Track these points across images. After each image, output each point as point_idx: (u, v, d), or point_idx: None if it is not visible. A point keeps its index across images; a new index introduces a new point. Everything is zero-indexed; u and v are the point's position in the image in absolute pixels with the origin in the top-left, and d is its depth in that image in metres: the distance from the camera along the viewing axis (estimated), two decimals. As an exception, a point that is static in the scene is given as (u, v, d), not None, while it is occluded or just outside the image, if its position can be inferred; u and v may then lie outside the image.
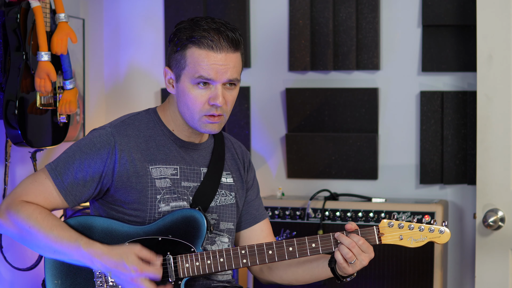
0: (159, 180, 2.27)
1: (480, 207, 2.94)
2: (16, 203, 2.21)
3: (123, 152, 2.24)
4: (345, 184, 3.42)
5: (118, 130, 2.28)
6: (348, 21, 3.37)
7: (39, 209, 2.20)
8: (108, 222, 2.25)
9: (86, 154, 2.24)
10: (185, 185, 2.31)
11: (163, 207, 2.26)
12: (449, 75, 3.31)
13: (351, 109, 3.39)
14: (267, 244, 2.23)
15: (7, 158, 2.88)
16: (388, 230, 2.21)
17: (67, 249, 2.17)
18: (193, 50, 2.21)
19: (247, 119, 3.51)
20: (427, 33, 3.30)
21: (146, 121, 2.33)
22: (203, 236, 2.23)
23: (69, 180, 2.23)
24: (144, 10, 3.65)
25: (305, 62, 3.42)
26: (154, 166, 2.28)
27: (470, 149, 3.24)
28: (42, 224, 2.18)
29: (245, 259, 2.22)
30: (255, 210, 2.50)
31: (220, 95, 2.21)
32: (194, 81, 2.21)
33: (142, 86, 3.65)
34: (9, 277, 2.99)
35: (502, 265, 2.92)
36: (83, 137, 2.30)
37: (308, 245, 2.23)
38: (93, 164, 2.23)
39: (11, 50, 2.80)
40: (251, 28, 3.53)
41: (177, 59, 2.24)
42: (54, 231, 2.18)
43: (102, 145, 2.24)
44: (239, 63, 2.25)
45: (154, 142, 2.30)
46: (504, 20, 2.89)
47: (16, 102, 2.75)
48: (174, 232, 2.22)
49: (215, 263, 2.21)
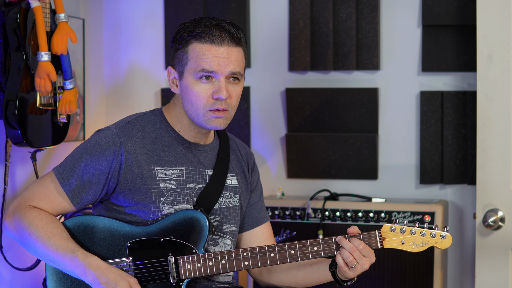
0: (164, 182, 2.26)
1: (480, 207, 2.94)
2: (22, 207, 2.22)
3: (128, 153, 2.24)
4: (345, 184, 3.42)
5: (124, 131, 2.27)
6: (348, 21, 3.37)
7: (41, 215, 2.21)
8: (110, 222, 2.24)
9: (91, 156, 2.23)
10: (190, 186, 2.31)
11: (166, 209, 2.25)
12: (449, 75, 3.31)
13: (351, 109, 3.39)
14: (269, 247, 2.22)
15: (7, 158, 2.88)
16: (390, 235, 2.21)
17: (62, 258, 2.17)
18: (194, 45, 2.22)
19: (247, 119, 3.51)
20: (427, 33, 3.30)
21: (152, 122, 2.33)
22: (205, 237, 2.23)
23: (76, 182, 2.22)
24: (144, 10, 3.65)
25: (305, 62, 3.42)
26: (160, 167, 2.27)
27: (470, 149, 3.24)
28: (41, 232, 2.18)
29: (246, 261, 2.22)
30: (257, 213, 2.49)
31: (224, 88, 2.21)
32: (197, 75, 2.21)
33: (142, 86, 3.65)
34: (9, 277, 2.99)
35: (502, 265, 2.92)
36: (89, 138, 2.29)
37: (310, 248, 2.22)
38: (99, 166, 2.22)
39: (11, 50, 2.79)
40: (251, 28, 3.53)
41: (180, 56, 2.25)
42: (51, 240, 2.18)
43: (107, 146, 2.24)
44: (242, 58, 2.26)
45: (160, 144, 2.29)
46: (504, 20, 2.89)
47: (16, 102, 2.75)
48: (176, 233, 2.22)
49: (216, 265, 2.21)
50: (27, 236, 2.19)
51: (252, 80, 3.54)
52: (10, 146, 2.88)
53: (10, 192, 2.96)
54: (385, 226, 2.21)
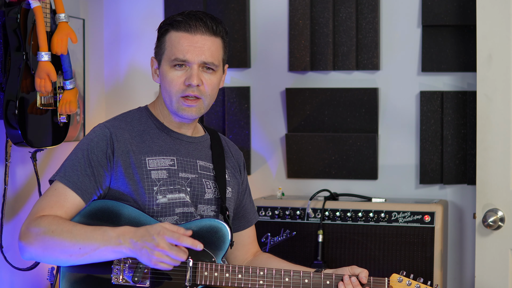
0: (155, 171, 2.28)
1: (480, 207, 2.94)
2: (33, 220, 2.18)
3: (119, 142, 2.26)
4: (345, 184, 3.42)
5: (112, 124, 2.31)
6: (348, 21, 3.37)
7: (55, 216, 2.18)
8: (136, 213, 2.24)
9: (87, 151, 2.25)
10: (183, 176, 2.32)
11: (160, 199, 2.26)
12: (449, 75, 3.31)
13: (351, 109, 3.40)
14: (285, 271, 2.25)
15: (7, 158, 2.88)
16: (397, 285, 2.27)
17: (92, 239, 2.12)
18: (171, 34, 2.28)
19: (247, 119, 3.51)
20: (427, 33, 3.30)
21: (138, 117, 2.37)
22: (225, 249, 2.26)
23: (81, 178, 2.22)
24: (144, 10, 3.65)
25: (305, 62, 3.42)
26: (151, 157, 2.29)
27: (470, 149, 3.24)
28: (63, 225, 2.15)
29: (262, 281, 2.24)
30: (249, 214, 2.56)
31: (195, 75, 2.25)
32: (172, 63, 2.27)
33: (142, 86, 3.65)
34: (9, 277, 2.99)
35: (501, 265, 2.92)
36: (80, 141, 2.31)
37: (323, 280, 2.25)
38: (95, 157, 2.24)
39: (11, 50, 2.80)
40: (251, 28, 3.53)
41: (159, 46, 2.32)
42: (77, 227, 2.15)
43: (99, 138, 2.26)
44: (217, 49, 2.30)
45: (149, 135, 2.32)
46: (504, 20, 2.89)
47: (16, 102, 2.75)
48: (198, 238, 2.21)
49: (232, 278, 2.23)
50: (49, 237, 2.14)
51: (252, 80, 3.54)
52: (10, 146, 2.88)
53: (10, 192, 2.96)
54: (393, 275, 2.28)
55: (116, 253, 2.13)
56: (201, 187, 2.37)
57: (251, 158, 3.53)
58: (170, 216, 2.28)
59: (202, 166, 2.39)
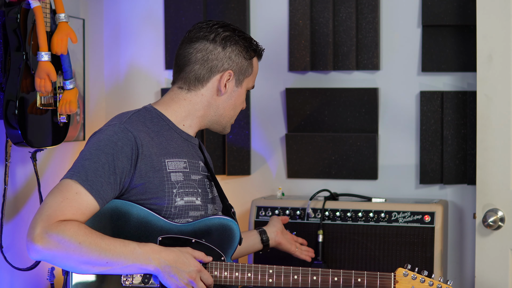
0: (174, 173, 2.28)
1: (480, 207, 2.94)
2: (55, 224, 2.10)
3: (143, 147, 2.23)
4: (345, 184, 3.42)
5: (132, 125, 2.26)
6: (348, 21, 3.37)
7: (80, 224, 2.13)
8: (145, 212, 2.23)
9: (111, 155, 2.18)
10: (194, 178, 2.34)
11: (178, 201, 2.27)
12: (449, 75, 3.31)
13: (351, 109, 3.40)
14: (294, 269, 2.29)
15: (7, 158, 2.88)
16: (403, 280, 2.31)
17: (121, 256, 2.12)
18: (255, 61, 2.47)
19: (247, 119, 3.51)
20: (427, 33, 3.30)
21: (149, 117, 2.34)
22: (234, 248, 2.28)
23: (104, 186, 2.16)
24: (144, 10, 3.65)
25: (305, 62, 3.42)
26: (170, 159, 2.29)
27: (470, 149, 3.24)
28: (91, 237, 2.11)
29: (271, 279, 2.27)
30: None
31: None
32: (248, 89, 2.47)
33: (142, 86, 3.65)
34: (9, 277, 2.99)
35: (502, 265, 2.93)
36: (97, 138, 2.24)
37: (331, 278, 2.29)
38: (120, 164, 2.18)
39: (11, 50, 2.80)
40: (251, 28, 3.53)
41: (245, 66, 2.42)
42: (105, 240, 2.12)
43: (123, 143, 2.20)
44: None
45: (163, 137, 2.31)
46: (504, 20, 2.89)
47: (16, 102, 2.75)
48: (208, 237, 2.25)
49: (242, 277, 2.26)
50: (76, 246, 2.09)
51: (252, 80, 3.54)
52: (10, 146, 2.88)
53: (10, 192, 2.96)
54: (399, 269, 2.32)
55: (141, 270, 2.15)
56: (205, 188, 2.39)
57: (251, 158, 3.53)
58: (184, 218, 2.28)
59: (202, 167, 2.42)
